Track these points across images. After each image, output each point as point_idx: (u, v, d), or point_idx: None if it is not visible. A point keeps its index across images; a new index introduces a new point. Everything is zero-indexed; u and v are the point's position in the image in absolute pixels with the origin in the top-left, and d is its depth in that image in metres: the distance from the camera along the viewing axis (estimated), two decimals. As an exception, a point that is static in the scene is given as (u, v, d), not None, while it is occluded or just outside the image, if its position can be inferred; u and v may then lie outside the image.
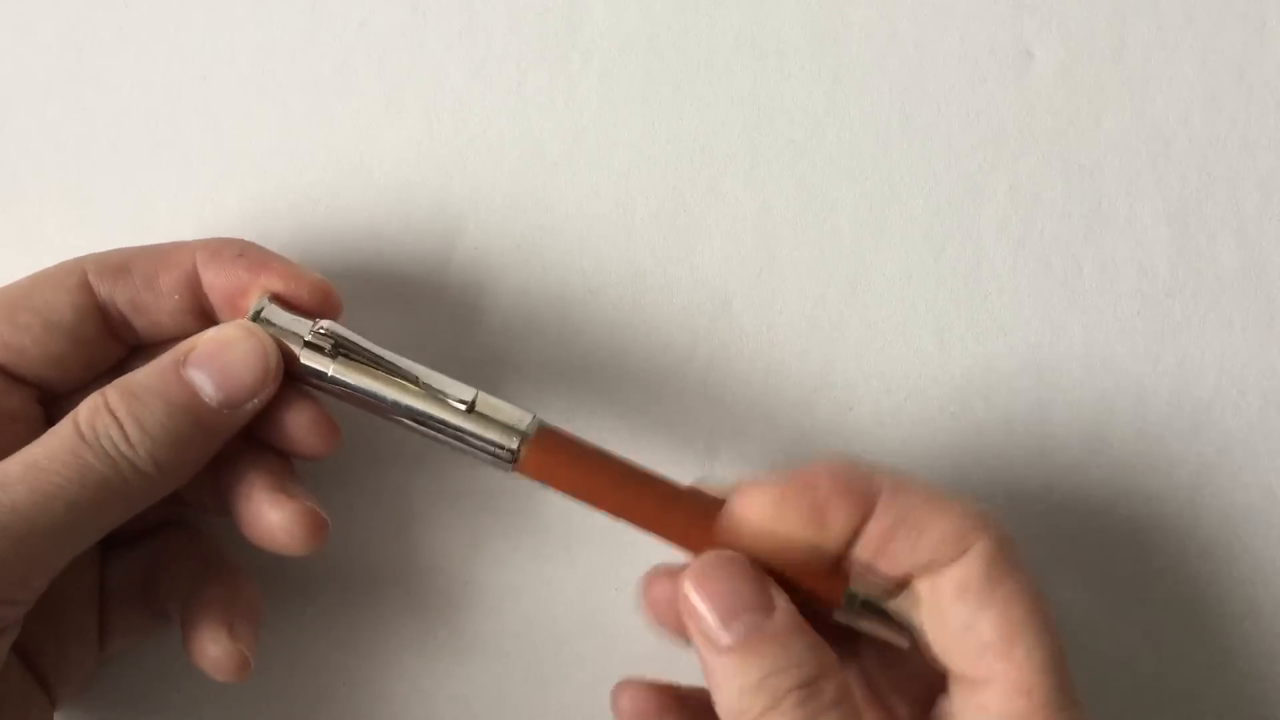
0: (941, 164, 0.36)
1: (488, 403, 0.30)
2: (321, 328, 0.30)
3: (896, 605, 0.30)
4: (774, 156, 0.36)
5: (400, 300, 0.36)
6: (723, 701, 0.28)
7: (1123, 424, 0.35)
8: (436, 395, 0.30)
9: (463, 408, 0.30)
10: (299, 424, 0.31)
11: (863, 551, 0.29)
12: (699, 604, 0.29)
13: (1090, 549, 0.35)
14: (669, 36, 0.36)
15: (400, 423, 0.31)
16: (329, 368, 0.30)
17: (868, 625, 0.30)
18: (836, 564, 0.30)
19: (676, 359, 0.35)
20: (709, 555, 0.29)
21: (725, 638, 0.28)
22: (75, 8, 0.36)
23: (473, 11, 0.36)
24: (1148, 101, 0.36)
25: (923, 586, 0.30)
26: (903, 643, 0.30)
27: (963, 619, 0.29)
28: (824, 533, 0.29)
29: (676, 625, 0.30)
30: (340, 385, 0.30)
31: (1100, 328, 0.35)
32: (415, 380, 0.30)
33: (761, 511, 0.29)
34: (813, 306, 0.35)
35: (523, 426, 0.30)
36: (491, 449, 0.30)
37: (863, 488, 0.29)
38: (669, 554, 0.35)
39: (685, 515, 0.30)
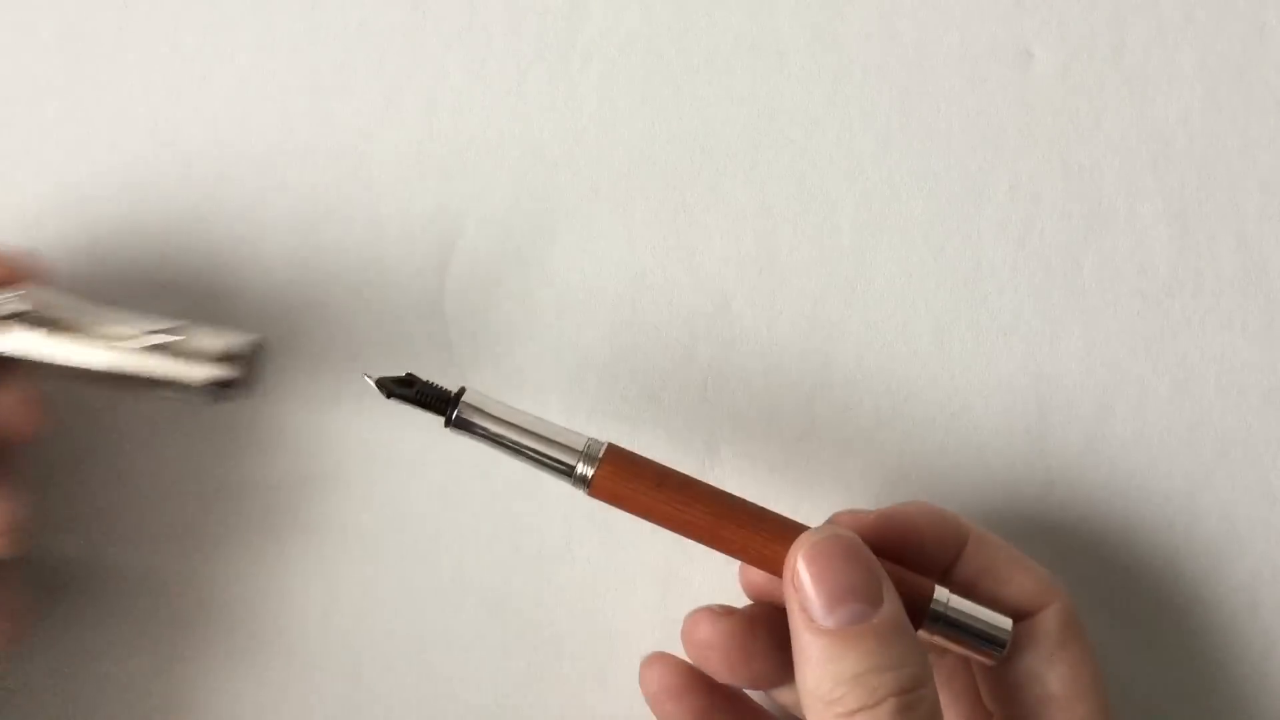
0: (941, 164, 0.36)
1: (193, 337, 0.30)
2: (15, 298, 0.29)
3: (988, 618, 0.30)
4: (774, 156, 0.36)
5: (400, 300, 0.36)
6: (811, 685, 0.27)
7: (1123, 424, 0.35)
8: (122, 339, 0.29)
9: (155, 341, 0.29)
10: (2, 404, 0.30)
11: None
12: (805, 580, 0.28)
13: (1090, 548, 0.35)
14: (669, 36, 0.36)
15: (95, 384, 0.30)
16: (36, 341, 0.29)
17: (953, 640, 0.30)
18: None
19: (676, 359, 0.35)
20: (827, 532, 0.28)
21: (827, 620, 0.27)
22: (75, 8, 0.36)
23: (473, 11, 0.36)
24: (1148, 101, 0.36)
25: None
26: (987, 661, 0.30)
27: (1030, 669, 0.30)
28: (916, 564, 0.30)
29: (719, 670, 0.30)
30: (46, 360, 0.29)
31: (1100, 328, 0.35)
32: (99, 334, 0.29)
33: (861, 534, 0.29)
34: (813, 306, 0.35)
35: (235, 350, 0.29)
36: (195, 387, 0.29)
37: (956, 531, 0.30)
38: (663, 563, 0.35)
39: (770, 535, 0.29)
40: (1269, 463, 0.35)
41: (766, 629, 0.30)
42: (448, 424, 0.30)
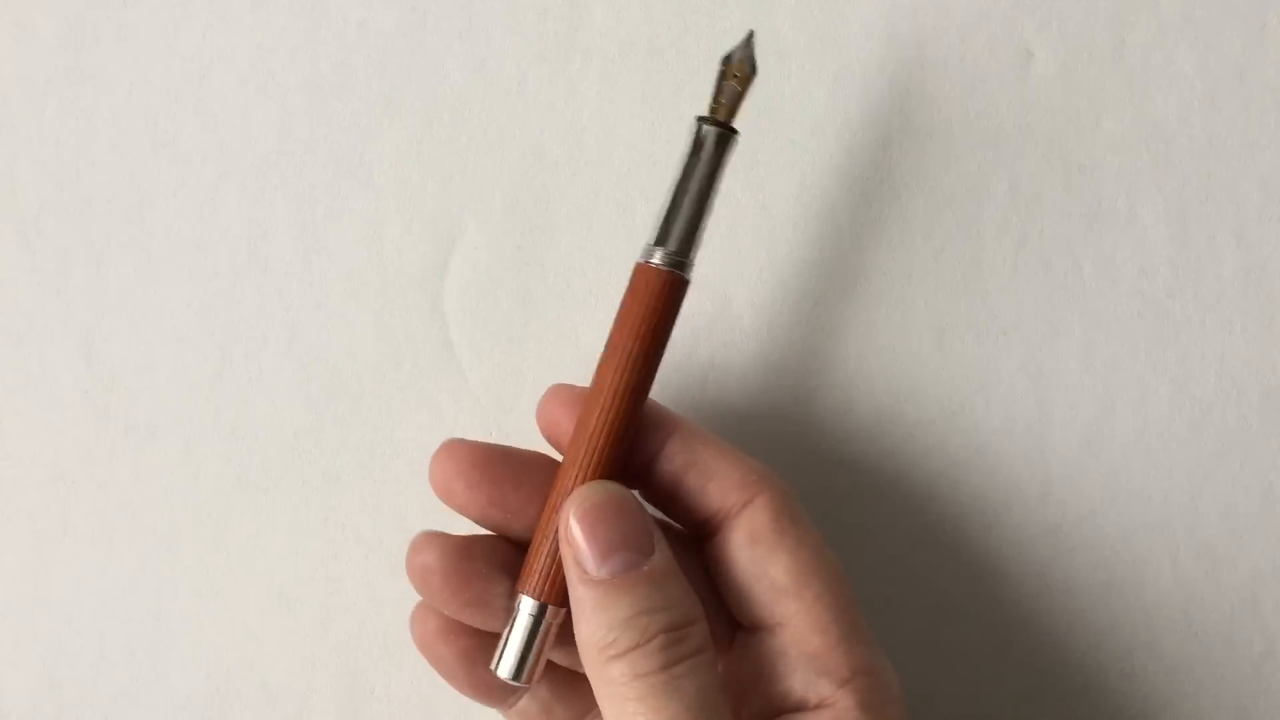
0: (941, 164, 0.36)
1: None
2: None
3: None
4: (774, 156, 0.36)
5: (400, 301, 0.36)
6: (586, 635, 0.28)
7: (1123, 424, 0.35)
8: None
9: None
10: None
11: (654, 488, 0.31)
12: (578, 535, 0.28)
13: (1089, 549, 0.35)
14: (669, 36, 0.36)
15: None
16: None
17: None
18: None
19: (676, 359, 0.35)
20: (596, 488, 0.29)
21: (600, 570, 0.28)
22: (75, 8, 0.36)
23: (473, 11, 0.36)
24: (1148, 101, 0.36)
25: (714, 542, 0.30)
26: None
27: (755, 567, 0.30)
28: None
29: (440, 593, 0.30)
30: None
31: (1100, 328, 0.35)
32: None
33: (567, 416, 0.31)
34: (813, 306, 0.35)
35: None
36: None
37: (661, 421, 0.31)
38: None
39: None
40: (1269, 463, 0.35)
41: (484, 551, 0.31)
42: (706, 119, 0.31)
